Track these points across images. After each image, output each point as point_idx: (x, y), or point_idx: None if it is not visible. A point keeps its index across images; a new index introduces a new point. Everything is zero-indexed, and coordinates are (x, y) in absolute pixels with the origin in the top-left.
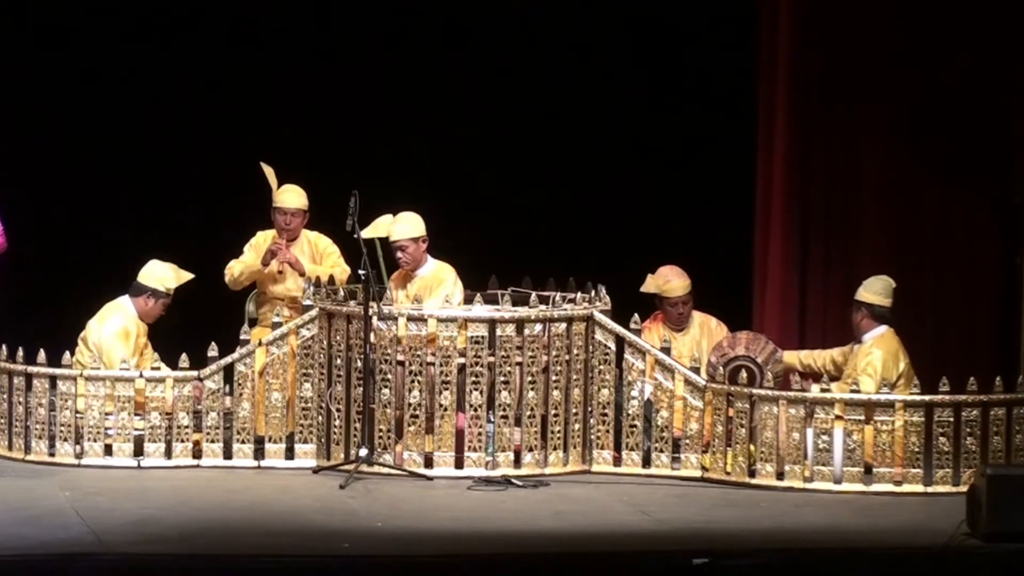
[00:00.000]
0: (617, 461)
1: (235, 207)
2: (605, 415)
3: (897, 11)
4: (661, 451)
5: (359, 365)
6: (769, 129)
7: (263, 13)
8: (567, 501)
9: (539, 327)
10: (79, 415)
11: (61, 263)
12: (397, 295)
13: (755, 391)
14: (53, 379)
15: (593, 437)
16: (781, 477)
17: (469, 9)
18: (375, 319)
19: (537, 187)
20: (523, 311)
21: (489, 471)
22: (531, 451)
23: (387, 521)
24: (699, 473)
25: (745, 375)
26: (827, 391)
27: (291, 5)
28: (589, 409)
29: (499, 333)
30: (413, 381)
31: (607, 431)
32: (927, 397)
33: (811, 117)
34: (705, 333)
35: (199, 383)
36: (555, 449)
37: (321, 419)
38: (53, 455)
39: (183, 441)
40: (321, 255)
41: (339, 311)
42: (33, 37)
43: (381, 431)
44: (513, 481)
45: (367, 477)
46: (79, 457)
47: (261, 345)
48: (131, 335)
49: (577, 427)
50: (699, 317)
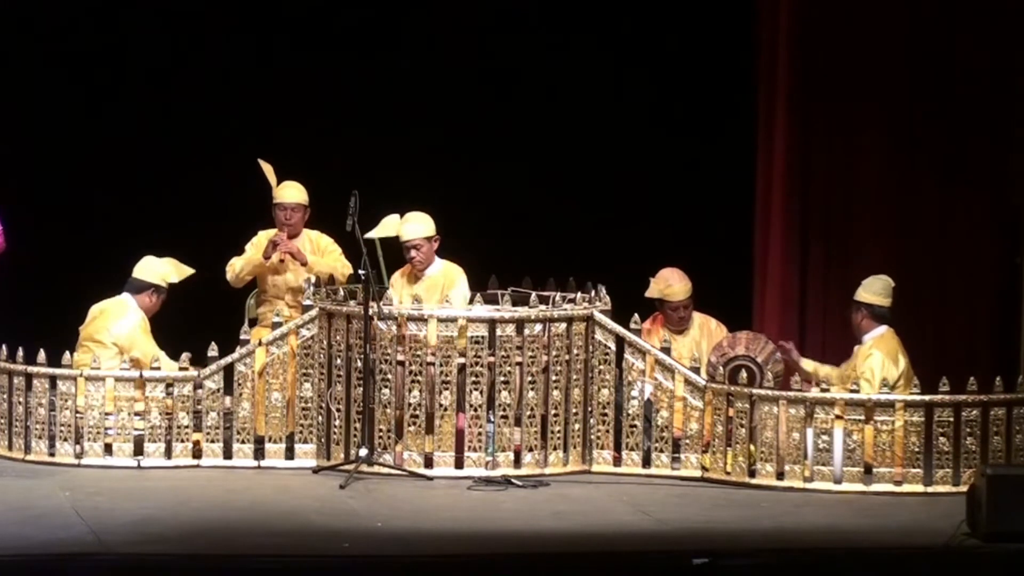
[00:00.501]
0: (617, 461)
1: (235, 207)
2: (605, 415)
3: (897, 11)
4: (661, 451)
5: (359, 365)
6: (769, 129)
7: (263, 11)
8: (567, 501)
9: (539, 327)
10: (79, 415)
11: (61, 263)
12: (401, 295)
13: (755, 391)
14: (53, 379)
15: (593, 437)
16: (781, 477)
17: (469, 9)
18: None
19: (537, 187)
20: (523, 311)
21: (489, 471)
22: (531, 451)
23: (387, 521)
24: (699, 473)
25: (745, 375)
26: (827, 391)
27: (291, 3)
28: (589, 409)
29: (499, 333)
30: (413, 381)
31: (607, 431)
32: (927, 397)
33: (811, 117)
34: (705, 334)
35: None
36: (555, 449)
37: (321, 419)
38: (53, 455)
39: (183, 441)
40: (322, 253)
41: (339, 311)
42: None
43: (381, 431)
44: (513, 481)
45: (367, 477)
46: (79, 457)
47: (261, 345)
48: (149, 330)
49: (577, 427)
50: (699, 318)
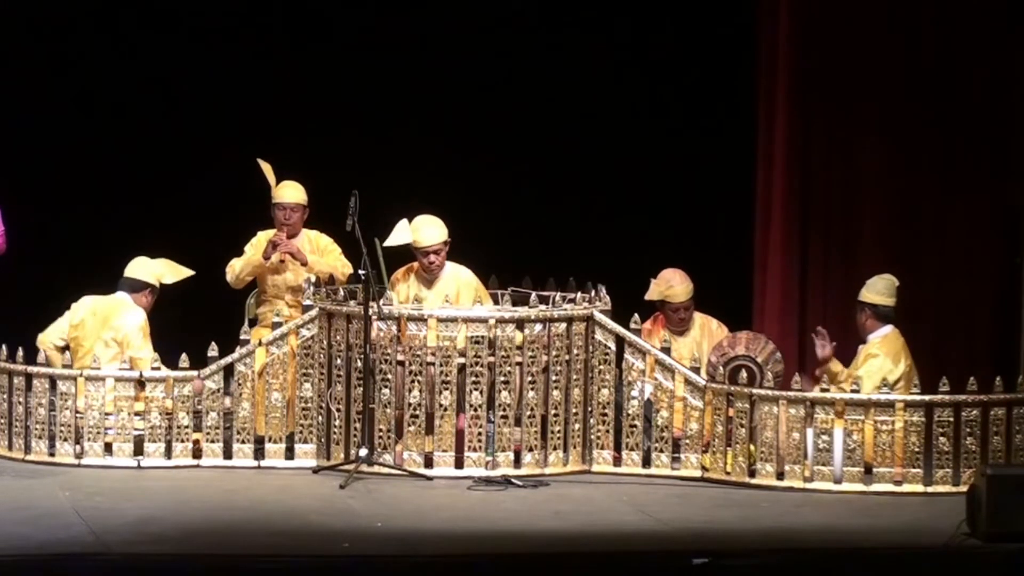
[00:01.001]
0: (617, 461)
1: (235, 207)
2: (605, 415)
3: (897, 11)
4: (661, 451)
5: (359, 365)
6: (769, 129)
7: (262, 10)
8: (567, 501)
9: (539, 327)
10: (79, 415)
11: (61, 264)
12: (407, 294)
13: (755, 391)
14: (53, 379)
15: (593, 437)
16: (781, 477)
17: (469, 8)
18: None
19: (537, 187)
20: (523, 311)
21: (489, 471)
22: (531, 451)
23: (387, 521)
24: (699, 473)
25: (745, 375)
26: (827, 391)
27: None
28: (589, 409)
29: (499, 333)
30: (413, 381)
31: (607, 431)
32: (927, 397)
33: (811, 117)
34: (706, 334)
35: (199, 381)
36: (555, 449)
37: (321, 419)
38: (53, 455)
39: (183, 441)
40: (322, 252)
41: (339, 311)
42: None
43: (381, 431)
44: (513, 481)
45: (367, 477)
46: (79, 457)
47: (261, 345)
48: (148, 332)
49: (577, 427)
50: (700, 318)
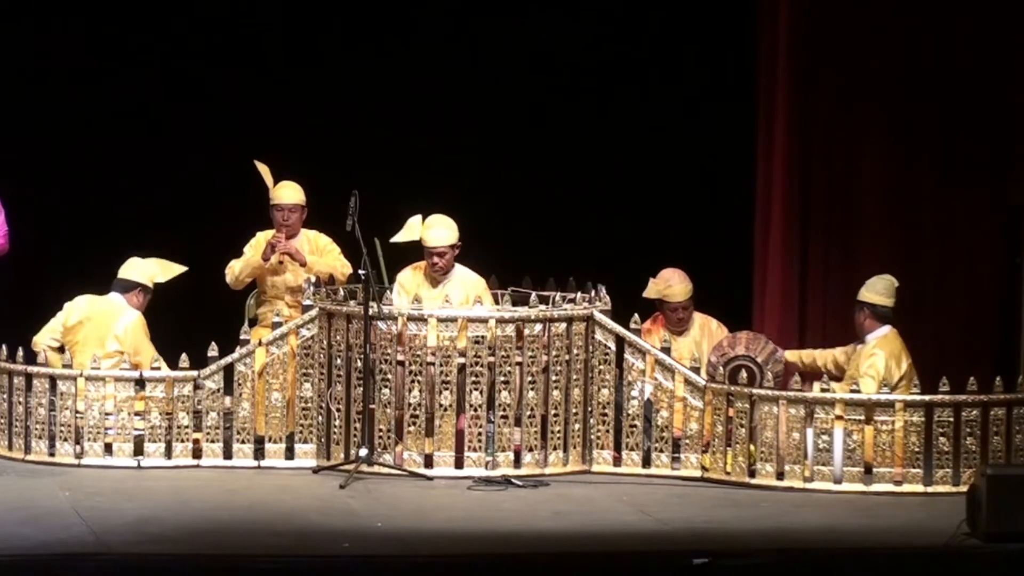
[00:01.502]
0: (617, 461)
1: (235, 207)
2: (605, 415)
3: (896, 11)
4: (661, 451)
5: (359, 365)
6: (769, 128)
7: (261, 10)
8: (567, 501)
9: (539, 327)
10: (79, 415)
11: (61, 264)
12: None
13: (755, 391)
14: (53, 379)
15: (593, 437)
16: (781, 477)
17: (468, 8)
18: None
19: (537, 187)
20: (523, 311)
21: (489, 471)
22: (531, 451)
23: (387, 521)
24: (699, 473)
25: (745, 375)
26: (827, 391)
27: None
28: (589, 409)
29: (499, 333)
30: (413, 381)
31: (607, 431)
32: (927, 397)
33: (811, 116)
34: (706, 334)
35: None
36: (555, 449)
37: (321, 419)
38: (53, 455)
39: (183, 441)
40: (321, 252)
41: (339, 311)
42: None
43: (381, 431)
44: (513, 481)
45: (367, 477)
46: (79, 457)
47: (261, 345)
48: (147, 331)
49: (577, 427)
50: (700, 318)
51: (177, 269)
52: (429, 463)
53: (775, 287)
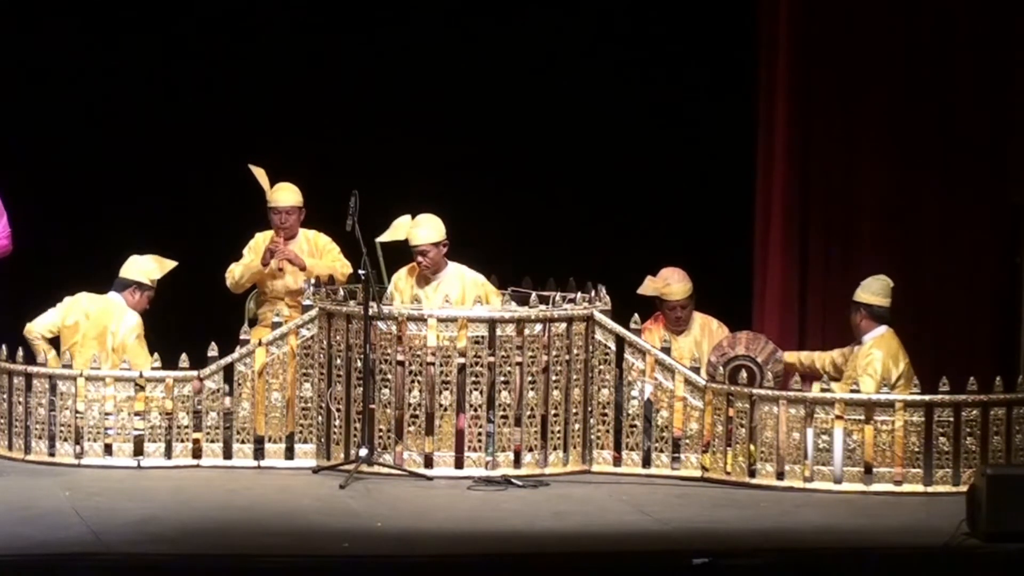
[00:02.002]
0: (617, 461)
1: (235, 208)
2: (605, 415)
3: (897, 10)
4: (661, 451)
5: (359, 365)
6: (769, 128)
7: (261, 11)
8: (567, 501)
9: (539, 327)
10: (79, 415)
11: (61, 265)
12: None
13: (755, 391)
14: (53, 379)
15: (593, 437)
16: (781, 477)
17: (468, 8)
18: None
19: (537, 187)
20: (523, 311)
21: (489, 471)
22: (531, 451)
23: (387, 521)
24: (699, 473)
25: (745, 375)
26: (827, 391)
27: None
28: (589, 409)
29: (499, 333)
30: (413, 381)
31: (607, 431)
32: (927, 397)
33: (811, 117)
34: (706, 334)
35: (198, 381)
36: (555, 449)
37: (321, 419)
38: (53, 455)
39: (183, 441)
40: (320, 252)
41: (339, 311)
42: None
43: (381, 431)
44: (513, 481)
45: (367, 477)
46: (79, 457)
47: (261, 345)
48: (143, 335)
49: (577, 427)
50: (700, 318)
51: (169, 264)
52: (429, 463)
53: (775, 287)
